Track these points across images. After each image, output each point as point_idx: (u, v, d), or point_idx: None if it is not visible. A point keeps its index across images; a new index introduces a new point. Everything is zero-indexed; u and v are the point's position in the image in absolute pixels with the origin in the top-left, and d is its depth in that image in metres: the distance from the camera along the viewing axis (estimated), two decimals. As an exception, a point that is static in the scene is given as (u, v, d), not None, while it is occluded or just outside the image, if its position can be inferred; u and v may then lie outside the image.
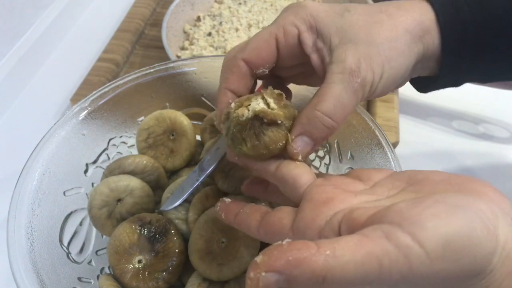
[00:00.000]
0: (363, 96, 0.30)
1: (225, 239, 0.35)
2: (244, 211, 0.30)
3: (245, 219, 0.29)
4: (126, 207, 0.39)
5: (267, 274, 0.19)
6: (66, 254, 0.37)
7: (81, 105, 0.42)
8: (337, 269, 0.19)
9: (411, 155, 0.55)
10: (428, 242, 0.20)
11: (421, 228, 0.20)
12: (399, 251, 0.20)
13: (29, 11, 0.64)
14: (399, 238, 0.20)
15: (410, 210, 0.21)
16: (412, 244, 0.20)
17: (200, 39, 0.64)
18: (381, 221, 0.21)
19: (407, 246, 0.20)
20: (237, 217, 0.30)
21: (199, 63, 0.46)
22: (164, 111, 0.44)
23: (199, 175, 0.40)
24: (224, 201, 0.32)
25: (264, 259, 0.20)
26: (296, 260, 0.19)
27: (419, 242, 0.20)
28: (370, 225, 0.21)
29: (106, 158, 0.44)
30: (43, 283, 0.32)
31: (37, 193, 0.37)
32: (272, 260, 0.19)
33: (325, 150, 0.45)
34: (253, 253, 0.34)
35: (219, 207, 0.32)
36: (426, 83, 0.37)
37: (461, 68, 0.34)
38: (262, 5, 0.69)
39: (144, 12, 0.72)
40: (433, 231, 0.20)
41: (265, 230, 0.27)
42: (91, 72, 0.62)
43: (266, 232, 0.27)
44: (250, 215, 0.29)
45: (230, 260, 0.34)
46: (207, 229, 0.36)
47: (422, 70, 0.34)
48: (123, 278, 0.35)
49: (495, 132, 0.59)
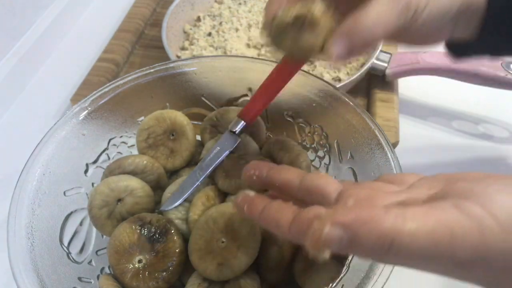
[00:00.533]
0: (405, 20, 0.30)
1: (225, 239, 0.35)
2: (272, 207, 0.28)
3: (274, 215, 0.27)
4: (126, 207, 0.39)
5: (331, 228, 0.18)
6: (66, 254, 0.37)
7: (81, 105, 0.42)
8: (407, 234, 0.18)
9: (411, 155, 0.55)
10: (499, 213, 0.19)
11: (490, 201, 0.19)
12: (472, 221, 0.19)
13: (29, 11, 0.64)
14: (470, 208, 0.19)
15: (473, 187, 0.20)
16: (484, 215, 0.19)
17: (200, 39, 0.64)
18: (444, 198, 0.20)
19: (479, 217, 0.19)
20: (264, 213, 0.28)
21: (199, 63, 0.46)
22: (164, 111, 0.44)
23: (199, 175, 0.40)
24: (247, 194, 0.30)
25: (329, 212, 0.18)
26: (364, 217, 0.18)
27: (490, 213, 0.19)
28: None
29: (106, 158, 0.44)
30: (43, 283, 0.32)
31: (37, 193, 0.37)
32: (339, 214, 0.18)
33: (325, 150, 0.45)
34: (253, 253, 0.34)
35: (241, 200, 0.30)
36: (462, 48, 0.36)
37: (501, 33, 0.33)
38: (262, 5, 0.69)
39: (144, 12, 0.72)
40: (502, 204, 0.19)
41: (298, 228, 0.25)
42: (91, 72, 0.62)
43: (299, 230, 0.25)
44: (280, 211, 0.27)
45: (230, 260, 0.34)
46: (207, 229, 0.36)
47: (463, 28, 0.34)
48: (123, 278, 0.35)
49: (495, 132, 0.59)
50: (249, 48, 0.63)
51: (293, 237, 0.26)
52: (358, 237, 0.18)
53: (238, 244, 0.35)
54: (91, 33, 0.73)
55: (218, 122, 0.45)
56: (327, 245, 0.18)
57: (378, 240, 0.18)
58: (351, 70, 0.60)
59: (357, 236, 0.18)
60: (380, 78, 0.59)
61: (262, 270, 0.36)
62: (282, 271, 0.37)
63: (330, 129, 0.44)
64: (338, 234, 0.18)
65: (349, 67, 0.60)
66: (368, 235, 0.18)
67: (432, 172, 0.58)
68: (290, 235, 0.26)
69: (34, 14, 0.65)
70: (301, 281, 0.35)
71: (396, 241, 0.18)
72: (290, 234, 0.26)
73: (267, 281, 0.37)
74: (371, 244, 0.18)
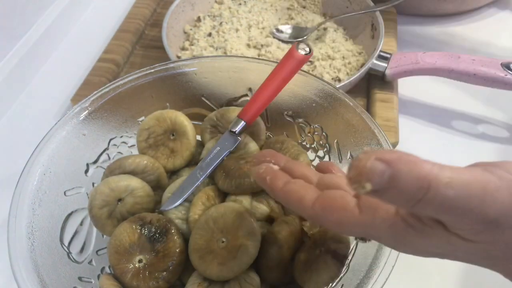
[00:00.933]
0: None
1: (225, 239, 0.35)
2: (297, 182, 0.27)
3: (298, 190, 0.27)
4: (127, 207, 0.39)
5: (375, 161, 0.19)
6: (67, 254, 0.37)
7: (81, 105, 0.42)
8: (443, 181, 0.19)
9: (411, 155, 0.55)
10: None
11: None
12: (502, 182, 0.20)
13: (30, 11, 0.64)
14: (500, 172, 0.20)
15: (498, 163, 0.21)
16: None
17: (200, 39, 0.64)
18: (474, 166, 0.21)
19: (509, 179, 0.20)
20: (287, 186, 0.27)
21: (199, 64, 0.46)
22: (165, 111, 0.44)
23: (199, 175, 0.40)
24: (271, 166, 0.30)
25: (374, 150, 0.19)
26: (405, 159, 0.19)
27: None
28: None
29: (107, 158, 0.44)
30: (44, 283, 0.32)
31: (38, 193, 0.37)
32: (383, 152, 0.19)
33: (325, 150, 0.45)
34: (253, 253, 0.35)
35: (264, 171, 0.29)
36: None
37: None
38: (262, 6, 0.69)
39: (145, 13, 0.72)
40: None
41: (324, 205, 0.25)
42: (92, 72, 0.62)
43: (324, 207, 0.25)
44: (305, 188, 0.27)
45: (230, 259, 0.34)
46: (207, 229, 0.36)
47: None
48: (124, 277, 0.35)
49: (495, 132, 0.59)
50: (249, 48, 0.63)
51: (315, 214, 0.26)
52: (399, 175, 0.19)
53: (238, 244, 0.35)
54: (91, 33, 0.73)
55: (218, 122, 0.45)
56: (370, 178, 0.19)
57: (416, 182, 0.19)
58: (351, 70, 0.60)
59: (398, 173, 0.19)
60: (379, 78, 0.59)
61: (262, 270, 0.37)
62: (282, 271, 0.37)
63: (330, 129, 0.44)
64: (381, 168, 0.19)
65: (349, 67, 0.61)
66: (408, 175, 0.19)
67: (432, 172, 0.57)
68: (311, 211, 0.25)
69: (34, 14, 0.65)
70: (301, 281, 0.35)
71: (432, 186, 0.19)
72: (312, 210, 0.25)
73: (267, 281, 0.37)
74: (409, 184, 0.19)
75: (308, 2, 0.71)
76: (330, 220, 0.25)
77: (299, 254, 0.37)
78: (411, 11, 0.74)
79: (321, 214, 0.25)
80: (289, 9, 0.70)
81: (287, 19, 0.69)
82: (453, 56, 0.55)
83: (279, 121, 0.47)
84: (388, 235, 0.24)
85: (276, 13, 0.70)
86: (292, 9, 0.70)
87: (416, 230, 0.23)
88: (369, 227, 0.24)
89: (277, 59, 0.59)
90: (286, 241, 0.36)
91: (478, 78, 0.54)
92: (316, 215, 0.26)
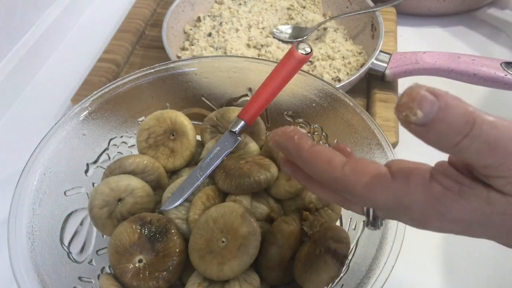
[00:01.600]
0: None
1: (225, 239, 0.35)
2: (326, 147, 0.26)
3: (326, 152, 0.26)
4: (127, 207, 0.39)
5: (426, 92, 0.19)
6: (67, 254, 0.37)
7: (81, 105, 0.42)
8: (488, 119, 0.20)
9: (411, 155, 0.54)
10: None
11: None
12: None
13: (30, 12, 0.64)
14: None
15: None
16: None
17: (200, 39, 0.64)
18: None
19: None
20: (316, 147, 0.26)
21: (200, 64, 0.46)
22: (165, 111, 0.44)
23: (200, 175, 0.40)
24: (299, 128, 0.28)
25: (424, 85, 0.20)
26: (453, 96, 0.20)
27: None
28: None
29: (107, 158, 0.44)
30: (44, 283, 0.32)
31: (38, 193, 0.37)
32: (433, 88, 0.20)
33: (325, 150, 0.45)
34: (253, 253, 0.35)
35: (291, 131, 0.28)
36: None
37: None
38: (262, 6, 0.69)
39: (145, 13, 0.72)
40: None
41: (355, 168, 0.24)
42: (92, 72, 0.62)
43: (355, 169, 0.24)
44: (333, 151, 0.26)
45: (230, 259, 0.34)
46: (207, 228, 0.36)
47: None
48: (124, 277, 0.35)
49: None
50: (249, 48, 0.63)
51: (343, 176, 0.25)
52: (448, 107, 0.19)
53: (238, 243, 0.35)
54: (91, 33, 0.73)
55: (218, 122, 0.45)
56: (421, 105, 0.19)
57: (463, 116, 0.19)
58: (351, 70, 0.60)
59: (447, 106, 0.19)
60: (379, 78, 0.59)
61: (262, 270, 0.37)
62: (282, 271, 0.37)
63: (330, 129, 0.44)
64: (432, 98, 0.19)
65: (349, 67, 0.61)
66: (456, 108, 0.19)
67: (432, 172, 0.57)
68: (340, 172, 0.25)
69: (34, 14, 0.65)
70: (301, 281, 0.35)
71: (477, 123, 0.19)
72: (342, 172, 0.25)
73: (267, 281, 0.37)
74: (457, 117, 0.19)
75: (308, 2, 0.71)
76: (360, 182, 0.24)
77: (299, 254, 0.37)
78: (411, 11, 0.74)
79: (351, 177, 0.24)
80: (289, 9, 0.70)
81: (287, 19, 0.69)
82: (453, 56, 0.55)
83: (279, 121, 0.47)
84: (420, 203, 0.23)
85: (276, 13, 0.70)
86: (292, 9, 0.70)
87: (454, 192, 0.23)
88: (402, 192, 0.23)
89: (277, 59, 0.60)
90: (286, 241, 0.36)
91: (478, 78, 0.54)
92: (344, 178, 0.24)
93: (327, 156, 0.25)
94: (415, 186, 0.23)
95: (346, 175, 0.24)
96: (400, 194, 0.23)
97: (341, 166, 0.25)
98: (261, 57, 0.61)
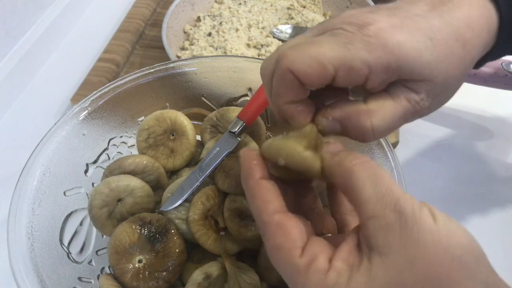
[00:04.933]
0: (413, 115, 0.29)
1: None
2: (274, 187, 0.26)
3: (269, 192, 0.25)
4: (127, 207, 0.39)
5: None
6: (67, 254, 0.37)
7: (81, 105, 0.42)
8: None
9: (411, 155, 0.55)
10: None
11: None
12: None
13: (30, 11, 0.64)
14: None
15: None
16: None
17: (200, 39, 0.64)
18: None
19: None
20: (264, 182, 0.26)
21: (199, 63, 0.46)
22: (165, 111, 0.44)
23: (199, 175, 0.40)
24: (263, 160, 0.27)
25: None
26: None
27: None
28: None
29: (107, 158, 0.44)
30: (44, 283, 0.32)
31: (38, 193, 0.37)
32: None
33: (325, 150, 0.45)
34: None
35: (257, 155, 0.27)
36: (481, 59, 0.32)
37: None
38: (262, 5, 0.69)
39: (144, 13, 0.72)
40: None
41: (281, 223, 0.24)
42: (92, 72, 0.62)
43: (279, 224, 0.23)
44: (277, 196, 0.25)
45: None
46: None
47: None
48: (124, 277, 0.35)
49: (495, 132, 0.59)
50: (249, 48, 0.63)
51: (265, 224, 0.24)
52: None
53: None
54: (91, 33, 0.73)
55: (218, 122, 0.45)
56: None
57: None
58: (351, 70, 0.60)
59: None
60: (380, 78, 0.59)
61: (262, 270, 0.36)
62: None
63: (330, 129, 0.44)
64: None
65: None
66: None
67: (432, 172, 0.58)
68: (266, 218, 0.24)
69: (34, 14, 0.65)
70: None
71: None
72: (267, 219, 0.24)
73: (267, 281, 0.37)
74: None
75: (308, 2, 0.71)
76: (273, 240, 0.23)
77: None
78: (411, 11, 0.74)
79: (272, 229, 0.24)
80: (289, 9, 0.70)
81: (287, 19, 0.69)
82: (453, 56, 0.55)
83: (279, 121, 0.47)
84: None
85: (276, 13, 0.70)
86: (292, 8, 0.70)
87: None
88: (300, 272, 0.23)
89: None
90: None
91: (478, 78, 0.54)
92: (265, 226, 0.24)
93: (267, 197, 0.25)
94: (313, 272, 0.22)
95: (268, 224, 0.23)
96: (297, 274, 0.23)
97: (273, 213, 0.24)
98: (261, 57, 0.61)
